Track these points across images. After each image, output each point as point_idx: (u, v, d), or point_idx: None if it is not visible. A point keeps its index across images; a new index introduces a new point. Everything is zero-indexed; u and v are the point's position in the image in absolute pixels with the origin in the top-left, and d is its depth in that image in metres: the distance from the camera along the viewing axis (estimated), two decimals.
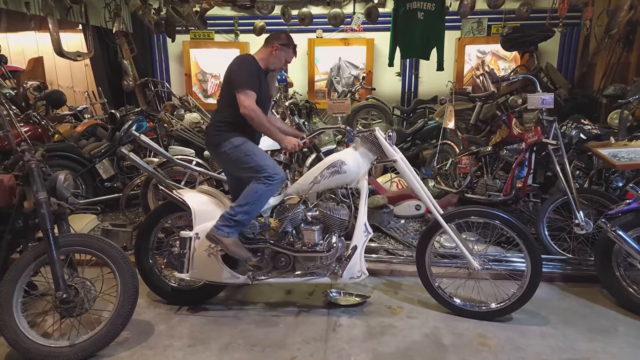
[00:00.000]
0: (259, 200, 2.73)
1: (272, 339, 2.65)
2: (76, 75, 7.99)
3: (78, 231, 4.16)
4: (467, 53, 7.38)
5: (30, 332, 2.47)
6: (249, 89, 2.71)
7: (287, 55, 2.91)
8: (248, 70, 2.77)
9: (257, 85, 2.76)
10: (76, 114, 6.43)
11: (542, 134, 3.89)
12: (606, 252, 3.03)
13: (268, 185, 2.73)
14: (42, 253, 2.51)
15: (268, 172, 2.74)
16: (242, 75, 2.75)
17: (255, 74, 2.79)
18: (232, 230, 2.72)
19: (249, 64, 2.81)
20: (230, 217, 2.71)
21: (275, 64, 2.89)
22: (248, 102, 2.70)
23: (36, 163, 2.59)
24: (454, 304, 2.90)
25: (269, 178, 2.73)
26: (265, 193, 2.74)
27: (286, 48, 2.89)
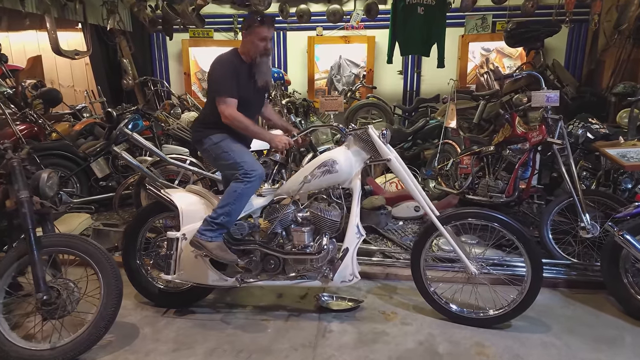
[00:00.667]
0: (239, 200, 2.64)
1: (260, 345, 2.55)
2: (76, 74, 7.97)
3: (71, 230, 4.11)
4: (470, 50, 7.25)
5: (11, 334, 2.40)
6: (226, 95, 2.64)
7: (257, 35, 2.69)
8: (224, 74, 2.67)
9: (235, 86, 2.67)
10: (75, 112, 6.40)
11: (547, 133, 3.76)
12: (613, 257, 2.89)
13: (246, 183, 2.64)
14: (24, 253, 2.44)
15: (245, 168, 2.66)
16: (218, 81, 2.67)
17: (233, 74, 2.67)
18: (216, 234, 2.64)
19: (226, 64, 2.70)
20: (212, 220, 2.63)
21: (254, 50, 2.72)
22: (228, 111, 2.64)
23: (18, 161, 2.52)
24: (450, 310, 2.78)
25: (246, 175, 2.65)
26: (245, 191, 2.65)
27: (252, 29, 2.69)
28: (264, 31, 2.69)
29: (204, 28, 7.17)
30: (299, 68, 7.48)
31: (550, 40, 6.70)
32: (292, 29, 7.20)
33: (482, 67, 7.35)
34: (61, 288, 2.47)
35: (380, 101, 6.84)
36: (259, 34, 2.68)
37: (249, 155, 2.76)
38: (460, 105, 6.43)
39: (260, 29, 2.68)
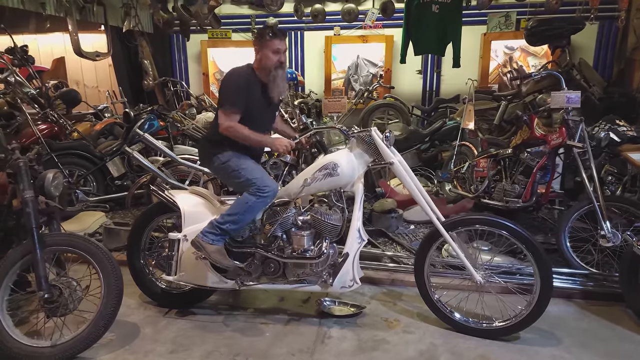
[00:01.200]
0: (248, 212, 2.63)
1: (257, 349, 2.53)
2: (100, 75, 8.16)
3: (85, 228, 4.20)
4: (493, 49, 7.04)
5: (15, 330, 2.45)
6: (228, 107, 2.62)
7: (270, 48, 2.65)
8: (233, 87, 2.65)
9: (241, 100, 2.63)
10: (97, 112, 6.54)
11: (567, 135, 3.61)
12: (632, 269, 2.74)
13: (259, 198, 2.62)
14: (29, 252, 2.49)
15: (257, 185, 2.63)
16: (226, 92, 2.67)
17: (242, 88, 2.64)
18: (218, 238, 2.63)
19: (238, 77, 2.67)
20: (218, 224, 2.62)
21: (267, 63, 2.67)
22: (226, 122, 2.62)
23: (24, 162, 2.57)
24: (454, 319, 2.69)
25: (259, 190, 2.62)
26: (256, 204, 2.63)
27: (264, 41, 2.66)
28: (276, 43, 2.66)
29: (222, 29, 7.21)
30: (316, 68, 7.43)
31: (578, 38, 6.44)
32: (309, 28, 7.17)
33: (505, 66, 7.14)
34: (63, 286, 2.50)
35: (398, 101, 6.73)
36: (272, 46, 2.65)
37: (260, 171, 2.73)
38: (481, 105, 6.26)
39: (272, 41, 2.65)
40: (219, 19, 6.47)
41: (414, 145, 5.83)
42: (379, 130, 5.44)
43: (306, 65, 7.47)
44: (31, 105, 5.50)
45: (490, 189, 4.33)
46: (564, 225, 3.49)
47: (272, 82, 2.71)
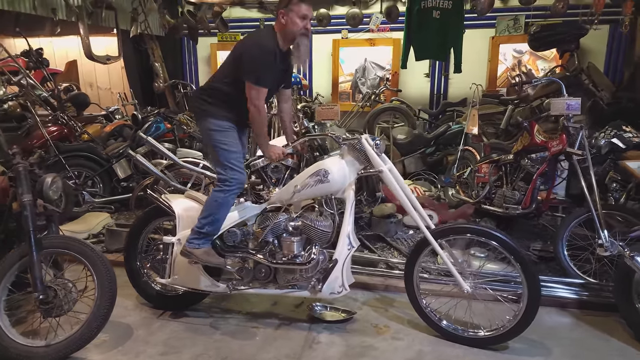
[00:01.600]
0: (220, 209, 2.66)
1: (245, 353, 2.57)
2: (113, 77, 8.33)
3: (90, 229, 4.31)
4: (501, 52, 6.97)
5: (11, 330, 2.53)
6: (262, 85, 2.56)
7: (297, 13, 2.51)
8: (266, 62, 2.54)
9: (271, 77, 2.60)
10: (108, 114, 6.67)
11: (567, 142, 3.58)
12: (626, 280, 2.71)
13: (226, 192, 2.64)
14: (26, 254, 2.57)
15: (223, 175, 2.64)
16: (259, 68, 2.54)
17: (272, 63, 2.56)
18: (202, 241, 2.67)
19: (269, 53, 2.55)
20: (198, 229, 2.67)
21: (292, 30, 2.55)
22: (259, 101, 2.57)
23: (24, 166, 2.65)
24: (442, 326, 2.69)
25: (225, 182, 2.64)
26: (225, 200, 2.65)
27: (290, 5, 2.53)
28: (303, 9, 2.55)
29: (231, 32, 7.29)
30: (323, 71, 7.47)
31: (589, 42, 6.35)
32: (317, 32, 7.19)
33: (513, 69, 7.07)
34: (59, 288, 2.58)
35: (404, 105, 6.71)
36: (299, 11, 2.53)
37: (236, 158, 2.69)
38: (487, 110, 6.22)
39: (300, 5, 2.53)
40: (226, 23, 6.55)
41: (418, 149, 5.82)
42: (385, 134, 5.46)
43: (314, 68, 7.51)
44: (43, 108, 5.66)
45: (491, 195, 4.30)
46: (562, 233, 3.46)
47: (296, 49, 2.62)
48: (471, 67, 7.14)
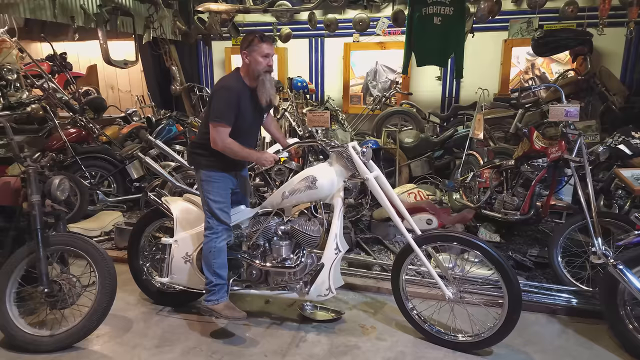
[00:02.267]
0: (217, 255, 2.76)
1: (234, 348, 2.70)
2: (133, 81, 8.64)
3: (103, 227, 4.53)
4: (514, 55, 6.91)
5: (20, 320, 2.72)
6: (221, 123, 2.67)
7: (259, 52, 2.70)
8: (225, 102, 2.69)
9: (232, 115, 2.69)
10: (126, 116, 6.94)
11: (566, 149, 3.59)
12: (611, 288, 2.72)
13: (214, 240, 2.75)
14: (34, 250, 2.76)
15: (209, 223, 2.77)
16: (216, 108, 2.68)
17: (235, 103, 2.70)
18: (219, 295, 2.77)
19: (230, 92, 2.71)
20: (209, 285, 2.78)
21: (255, 68, 2.72)
22: (220, 138, 2.68)
23: (33, 169, 2.84)
24: (426, 329, 2.76)
25: (211, 231, 2.75)
26: (217, 246, 2.75)
27: (251, 46, 2.71)
28: (265, 48, 2.72)
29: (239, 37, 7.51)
30: (335, 74, 7.56)
31: (605, 44, 6.24)
32: (329, 35, 7.30)
33: (526, 73, 7.01)
34: (64, 283, 2.77)
35: (414, 108, 6.75)
36: (261, 51, 2.71)
37: (220, 208, 2.79)
38: (497, 113, 6.20)
39: (260, 46, 2.71)
40: (238, 28, 6.72)
41: (425, 153, 5.85)
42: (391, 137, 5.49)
43: (326, 72, 7.61)
44: (65, 110, 5.94)
45: (491, 200, 4.32)
46: (557, 240, 3.47)
47: (261, 85, 2.75)
48: (483, 71, 7.13)
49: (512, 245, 4.12)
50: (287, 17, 5.90)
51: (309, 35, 7.43)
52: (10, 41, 5.61)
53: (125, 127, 6.35)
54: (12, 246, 2.95)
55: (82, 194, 4.73)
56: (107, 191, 5.15)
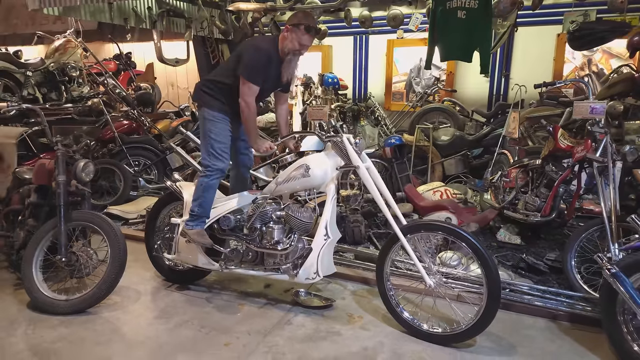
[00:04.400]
0: (205, 192, 2.99)
1: (223, 325, 2.87)
2: (190, 78, 9.19)
3: (139, 210, 4.93)
4: (569, 51, 6.48)
5: (43, 284, 3.08)
6: (254, 83, 2.84)
7: (298, 36, 2.82)
8: (260, 62, 2.84)
9: (264, 77, 2.86)
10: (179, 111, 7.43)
11: (591, 148, 3.39)
12: (611, 295, 2.54)
13: (208, 177, 2.97)
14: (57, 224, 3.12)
15: (207, 161, 2.98)
16: (253, 67, 2.84)
17: (266, 65, 2.85)
18: (195, 222, 3.02)
19: (264, 53, 2.86)
20: (191, 212, 3.04)
21: (288, 46, 2.87)
22: (249, 98, 2.86)
23: (62, 152, 3.21)
24: (406, 319, 2.75)
25: (207, 168, 2.97)
26: (208, 184, 2.97)
27: (296, 28, 2.83)
28: (306, 39, 2.88)
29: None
30: (377, 71, 7.55)
31: None
32: (373, 32, 7.31)
33: (582, 69, 6.55)
34: (81, 254, 3.11)
35: (455, 105, 6.57)
36: (301, 38, 2.86)
37: (220, 148, 2.98)
38: (544, 112, 5.86)
39: (304, 35, 2.85)
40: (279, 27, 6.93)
41: (460, 151, 5.69)
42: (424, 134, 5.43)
43: (370, 69, 7.62)
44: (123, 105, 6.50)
45: (515, 201, 4.15)
46: (572, 244, 3.29)
47: (287, 64, 2.96)
48: (534, 67, 6.76)
49: (532, 248, 3.92)
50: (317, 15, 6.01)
51: (354, 32, 7.49)
52: (75, 41, 6.25)
53: (175, 121, 6.81)
54: (44, 220, 3.34)
55: (126, 180, 5.18)
56: (149, 179, 5.58)
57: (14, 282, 3.40)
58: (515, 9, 5.04)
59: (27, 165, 4.03)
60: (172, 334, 2.78)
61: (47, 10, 4.90)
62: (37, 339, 2.69)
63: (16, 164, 4.02)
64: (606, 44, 6.28)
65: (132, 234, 4.34)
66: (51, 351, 2.58)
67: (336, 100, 5.95)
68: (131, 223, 4.70)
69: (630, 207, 4.05)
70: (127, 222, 4.74)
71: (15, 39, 9.46)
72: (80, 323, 2.87)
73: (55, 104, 6.09)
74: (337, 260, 3.63)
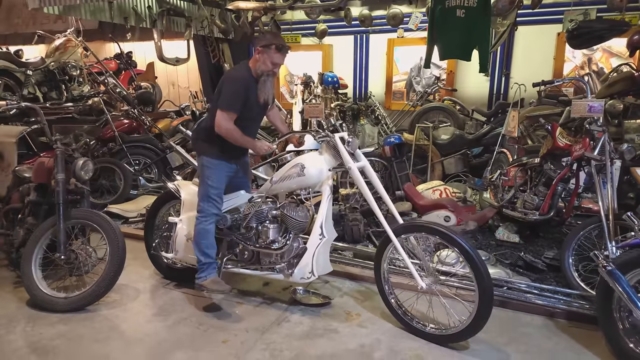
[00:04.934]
0: (205, 237, 2.96)
1: (220, 322, 2.89)
2: (191, 77, 9.21)
3: (139, 209, 4.94)
4: (569, 50, 6.46)
5: (42, 282, 3.10)
6: (228, 110, 2.86)
7: (270, 56, 2.87)
8: (234, 90, 2.88)
9: (239, 104, 2.88)
10: (180, 110, 7.45)
11: (589, 147, 3.39)
12: (607, 292, 2.54)
13: (202, 222, 2.96)
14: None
15: (200, 206, 2.97)
16: (226, 95, 2.88)
17: (242, 92, 2.88)
18: (207, 272, 2.98)
19: (239, 81, 2.91)
20: (199, 264, 3.00)
21: (261, 68, 2.91)
22: (224, 123, 2.86)
23: (61, 150, 3.23)
24: (404, 318, 2.76)
25: (201, 214, 2.96)
26: (205, 228, 2.95)
27: (267, 49, 2.87)
28: (277, 58, 2.91)
29: (293, 33, 7.71)
30: (378, 71, 7.55)
31: None
32: (374, 31, 7.31)
33: (582, 68, 6.54)
34: (80, 252, 3.12)
35: (456, 104, 6.57)
36: (273, 58, 2.89)
37: (215, 194, 2.99)
38: (543, 111, 5.86)
39: (276, 55, 2.89)
40: (279, 26, 6.95)
41: (460, 150, 5.69)
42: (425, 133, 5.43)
43: (370, 68, 7.62)
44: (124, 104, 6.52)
45: (514, 199, 4.15)
46: (570, 242, 3.29)
47: (262, 85, 2.97)
48: (534, 66, 6.75)
49: (530, 246, 3.92)
50: (316, 14, 6.02)
51: (355, 32, 7.49)
52: (75, 40, 6.27)
53: (176, 120, 6.82)
54: (44, 218, 3.36)
55: (126, 179, 5.20)
56: (150, 177, 5.60)
57: (14, 280, 3.42)
58: (514, 8, 5.04)
59: (27, 164, 4.06)
60: (170, 331, 2.79)
61: (47, 9, 4.91)
62: (35, 336, 2.71)
63: (16, 163, 4.05)
64: (606, 43, 6.30)
65: (132, 232, 4.36)
66: (49, 348, 2.60)
67: (336, 99, 5.95)
68: (131, 222, 4.72)
69: (630, 205, 4.06)
70: (127, 220, 4.76)
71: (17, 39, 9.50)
72: (79, 320, 2.88)
73: (56, 103, 6.11)
74: (335, 258, 3.66)
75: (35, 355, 2.54)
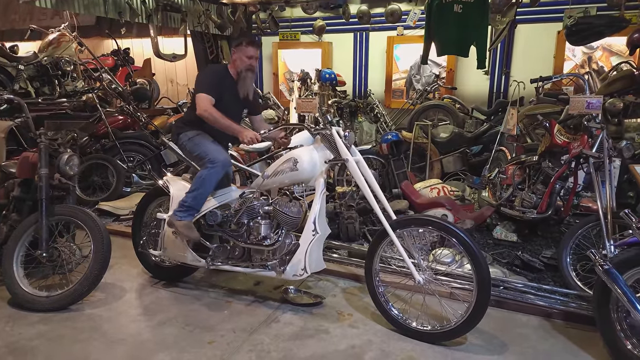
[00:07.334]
0: (204, 184, 2.95)
1: (208, 323, 2.80)
2: (190, 74, 9.12)
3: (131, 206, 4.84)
4: (570, 48, 6.38)
5: (24, 280, 3.00)
6: (204, 92, 2.98)
7: (243, 52, 3.06)
8: (209, 78, 3.08)
9: (215, 90, 3.01)
10: (177, 107, 7.36)
11: (588, 144, 3.31)
12: (604, 292, 2.45)
13: (209, 169, 2.95)
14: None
15: (209, 157, 2.98)
16: (201, 81, 3.06)
17: (215, 80, 3.06)
18: (185, 214, 2.95)
19: (213, 72, 3.17)
20: (183, 202, 2.96)
21: (239, 65, 3.09)
22: (203, 104, 2.96)
23: (45, 144, 3.14)
24: (393, 316, 2.67)
25: (210, 162, 2.96)
26: (208, 176, 2.94)
27: (239, 47, 3.08)
28: (250, 51, 3.08)
29: (292, 31, 7.63)
30: (377, 68, 7.46)
31: None
32: (373, 29, 7.23)
33: (582, 66, 6.45)
34: (64, 250, 3.04)
35: (456, 103, 6.48)
36: (246, 52, 3.07)
37: (217, 148, 3.06)
38: (543, 109, 5.77)
39: (247, 48, 3.08)
40: (277, 22, 6.86)
41: (458, 149, 5.61)
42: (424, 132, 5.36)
43: (370, 66, 7.53)
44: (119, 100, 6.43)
45: (512, 198, 4.06)
46: (568, 241, 3.21)
47: (242, 80, 3.12)
48: (534, 64, 6.65)
49: (528, 245, 3.83)
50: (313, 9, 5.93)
51: (354, 29, 7.40)
52: (69, 35, 6.18)
53: (172, 117, 6.75)
54: (28, 214, 3.27)
55: (118, 176, 5.11)
56: (143, 174, 5.51)
57: None
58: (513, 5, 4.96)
59: (15, 159, 3.97)
60: (154, 331, 2.71)
61: (39, 2, 4.82)
62: (14, 336, 2.62)
63: (4, 158, 3.97)
64: (606, 42, 6.23)
65: (122, 230, 4.28)
66: (28, 349, 2.51)
67: (333, 96, 5.86)
68: (122, 219, 4.63)
69: (630, 204, 3.98)
70: (118, 218, 4.68)
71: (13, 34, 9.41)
72: (60, 320, 2.79)
73: (48, 98, 6.03)
74: (329, 257, 3.57)
75: (13, 357, 2.45)
